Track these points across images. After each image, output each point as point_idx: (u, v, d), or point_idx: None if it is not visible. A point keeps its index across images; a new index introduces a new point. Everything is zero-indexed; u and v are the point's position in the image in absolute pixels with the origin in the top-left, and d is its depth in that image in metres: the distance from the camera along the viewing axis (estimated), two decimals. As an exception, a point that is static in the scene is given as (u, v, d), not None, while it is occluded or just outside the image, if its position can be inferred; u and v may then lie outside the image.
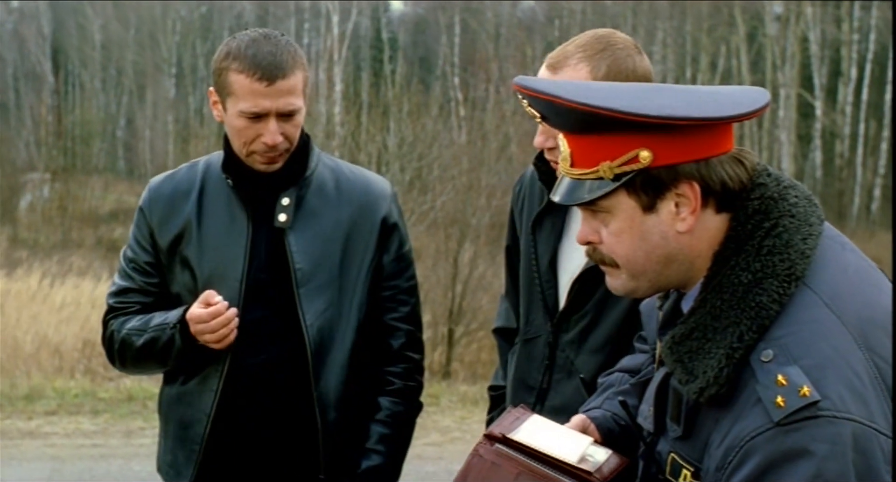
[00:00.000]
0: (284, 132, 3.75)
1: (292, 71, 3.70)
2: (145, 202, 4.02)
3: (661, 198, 2.39)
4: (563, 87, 2.38)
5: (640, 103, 2.31)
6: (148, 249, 3.98)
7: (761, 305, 2.33)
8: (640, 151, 2.34)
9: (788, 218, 2.41)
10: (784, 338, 2.30)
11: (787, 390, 2.23)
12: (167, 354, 3.86)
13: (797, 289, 2.35)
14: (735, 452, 2.27)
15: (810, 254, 2.38)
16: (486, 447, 2.81)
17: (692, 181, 2.37)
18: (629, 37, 3.61)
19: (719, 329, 2.36)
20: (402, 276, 4.01)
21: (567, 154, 2.45)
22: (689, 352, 2.40)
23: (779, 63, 41.28)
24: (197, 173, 4.00)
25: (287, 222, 3.85)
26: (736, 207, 2.42)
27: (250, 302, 3.85)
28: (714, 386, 2.33)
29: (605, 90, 2.39)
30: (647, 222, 2.41)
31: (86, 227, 32.87)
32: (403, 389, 4.00)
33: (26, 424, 11.69)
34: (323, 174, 3.96)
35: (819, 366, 2.25)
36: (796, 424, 2.21)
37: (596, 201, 2.42)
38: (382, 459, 3.93)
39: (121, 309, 4.01)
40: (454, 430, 11.14)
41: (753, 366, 2.30)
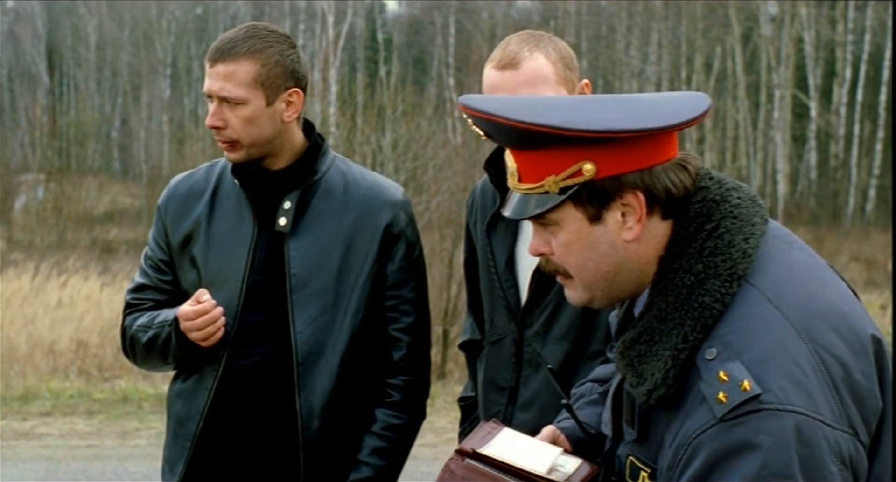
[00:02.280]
0: (228, 120, 3.76)
1: (238, 58, 3.73)
2: (163, 201, 4.06)
3: (607, 208, 2.43)
4: (505, 106, 2.42)
5: (579, 118, 2.35)
6: (163, 247, 4.02)
7: (704, 305, 2.37)
8: (583, 164, 2.38)
9: (730, 219, 2.45)
10: (727, 336, 2.33)
11: (728, 385, 2.26)
12: (167, 351, 3.89)
13: (740, 287, 2.38)
14: (684, 451, 2.31)
15: (752, 253, 2.41)
16: (457, 462, 2.83)
17: (636, 191, 2.41)
18: None
19: (665, 331, 2.40)
20: (405, 286, 3.95)
21: (514, 169, 2.49)
22: (639, 355, 2.44)
23: (773, 64, 41.30)
24: (214, 173, 4.03)
25: (286, 226, 3.85)
26: (679, 212, 2.46)
27: (249, 303, 3.85)
28: (662, 387, 2.37)
29: (545, 106, 2.43)
30: (595, 233, 2.45)
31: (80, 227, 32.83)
32: (402, 402, 3.95)
33: (21, 425, 11.69)
34: (333, 178, 3.94)
35: (761, 359, 2.28)
36: (739, 419, 2.24)
37: (544, 215, 2.46)
38: (372, 472, 3.90)
39: (136, 305, 4.05)
40: (449, 431, 11.14)
41: (699, 365, 2.33)
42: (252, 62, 3.74)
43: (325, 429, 3.86)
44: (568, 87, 3.67)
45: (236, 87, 3.73)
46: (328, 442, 3.87)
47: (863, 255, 28.81)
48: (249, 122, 3.77)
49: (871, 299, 20.91)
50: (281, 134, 3.84)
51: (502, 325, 3.81)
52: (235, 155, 3.83)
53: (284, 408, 3.85)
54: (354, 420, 3.91)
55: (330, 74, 39.46)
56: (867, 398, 2.34)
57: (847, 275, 24.24)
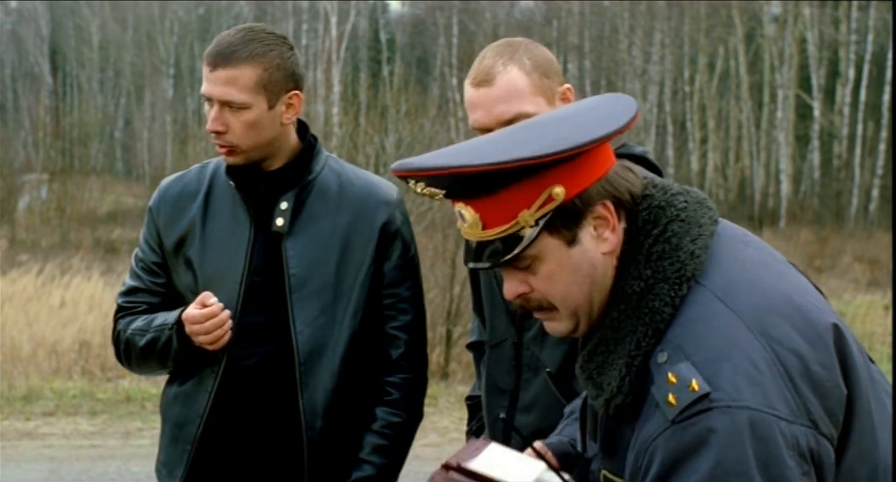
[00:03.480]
0: (228, 125, 3.73)
1: (240, 63, 3.69)
2: (154, 203, 4.03)
3: (580, 226, 2.40)
4: (461, 155, 2.35)
5: (538, 145, 2.31)
6: (155, 250, 3.99)
7: (654, 310, 2.37)
8: (552, 189, 2.34)
9: (677, 223, 2.44)
10: (677, 338, 2.33)
11: (677, 387, 2.27)
12: (166, 355, 3.87)
13: (689, 289, 2.38)
14: (642, 457, 2.31)
15: (700, 254, 2.41)
16: (442, 475, 2.83)
17: (604, 200, 2.40)
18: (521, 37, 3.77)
19: (619, 340, 2.40)
20: (403, 285, 3.95)
21: (475, 220, 2.41)
22: (597, 367, 2.45)
23: (777, 64, 41.30)
24: (206, 175, 4.00)
25: (284, 227, 3.83)
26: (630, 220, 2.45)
27: (248, 305, 3.84)
28: (619, 395, 2.38)
29: (491, 145, 2.36)
30: (574, 255, 2.42)
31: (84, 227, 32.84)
32: (401, 400, 3.94)
33: (24, 425, 11.69)
34: (328, 178, 3.93)
35: (711, 359, 2.28)
36: (691, 419, 2.24)
37: (521, 254, 2.40)
38: (374, 470, 3.89)
39: (129, 308, 4.02)
40: (452, 431, 11.14)
41: (652, 370, 2.33)
42: (254, 67, 3.70)
43: (328, 428, 3.85)
44: (545, 95, 3.61)
45: (239, 92, 3.69)
46: (331, 441, 3.87)
47: (866, 256, 28.77)
48: (251, 126, 3.74)
49: (875, 299, 20.90)
50: (279, 136, 3.82)
51: (502, 328, 3.81)
52: (234, 159, 3.80)
53: (285, 408, 3.84)
54: (355, 418, 3.91)
55: (333, 74, 39.45)
56: (829, 389, 2.33)
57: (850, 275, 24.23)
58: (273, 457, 3.89)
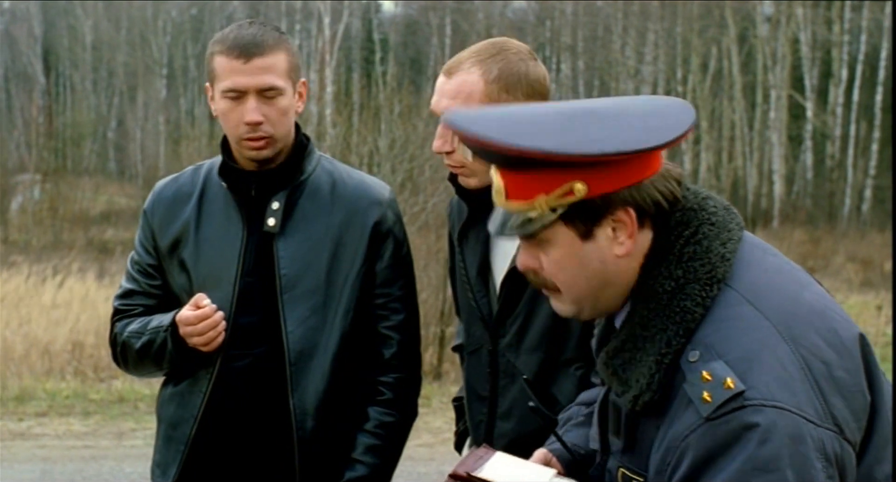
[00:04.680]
0: (266, 114, 3.74)
1: (272, 50, 3.72)
2: (149, 205, 4.04)
3: (598, 225, 2.42)
4: (494, 127, 2.36)
5: (570, 139, 2.31)
6: (150, 252, 3.99)
7: (686, 310, 2.39)
8: (574, 184, 2.36)
9: (708, 225, 2.46)
10: (709, 338, 2.36)
11: (712, 385, 2.29)
12: (161, 357, 3.87)
13: (720, 290, 2.40)
14: (673, 454, 2.33)
15: (730, 257, 2.44)
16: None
17: (627, 207, 2.40)
18: (525, 45, 3.67)
19: (648, 337, 2.42)
20: (395, 284, 3.95)
21: (501, 187, 2.46)
22: (623, 363, 2.46)
23: (769, 64, 41.33)
24: (200, 176, 4.01)
25: (275, 227, 3.84)
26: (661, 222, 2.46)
27: (242, 305, 3.85)
28: (648, 392, 2.39)
29: (533, 126, 2.37)
30: (586, 249, 2.44)
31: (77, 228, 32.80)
32: (394, 400, 3.95)
33: (17, 425, 11.69)
34: (320, 178, 3.94)
35: (744, 358, 2.31)
36: (725, 417, 2.26)
37: (536, 233, 2.44)
38: (367, 470, 3.90)
39: (125, 311, 4.03)
40: (446, 431, 11.14)
41: (683, 368, 2.35)
42: (284, 53, 3.77)
43: (319, 428, 3.86)
44: None
45: (278, 77, 3.74)
46: (322, 441, 3.87)
47: (859, 256, 28.79)
48: (284, 113, 3.79)
49: (868, 300, 20.93)
50: (292, 128, 3.87)
51: (478, 335, 3.79)
52: (269, 151, 3.82)
53: (278, 408, 3.85)
54: (348, 419, 3.91)
55: (326, 75, 39.44)
56: (853, 394, 2.36)
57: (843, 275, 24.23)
58: (265, 457, 3.89)
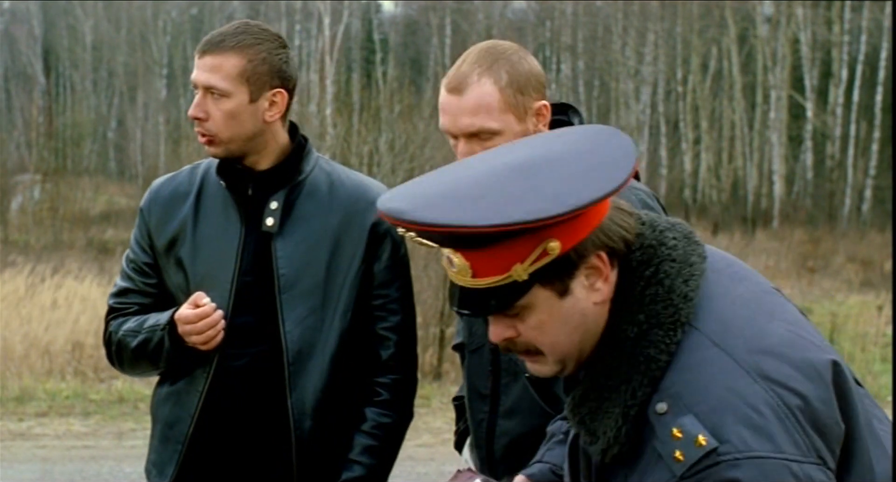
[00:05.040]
0: (210, 113, 3.78)
1: (227, 52, 3.76)
2: (145, 204, 4.04)
3: (573, 277, 2.35)
4: (455, 210, 2.24)
5: (540, 203, 2.23)
6: (147, 250, 3.99)
7: (650, 358, 2.33)
8: (547, 244, 2.28)
9: (669, 262, 2.40)
10: (676, 387, 2.30)
11: (683, 443, 2.24)
12: (158, 356, 3.87)
13: (684, 334, 2.34)
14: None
15: (693, 296, 2.37)
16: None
17: (599, 251, 2.35)
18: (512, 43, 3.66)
19: (613, 387, 2.36)
20: (392, 285, 3.95)
21: (465, 267, 2.33)
22: (590, 413, 2.41)
23: (769, 64, 41.32)
24: (197, 175, 4.02)
25: (274, 227, 3.84)
26: (623, 262, 2.41)
27: (239, 305, 3.84)
28: (615, 445, 2.35)
29: (489, 199, 2.26)
30: (566, 306, 2.37)
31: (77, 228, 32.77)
32: (391, 401, 3.95)
33: (17, 426, 11.69)
34: (318, 178, 3.94)
35: (714, 409, 2.25)
36: (699, 475, 2.22)
37: (513, 303, 2.35)
38: (364, 471, 3.90)
39: (120, 310, 4.02)
40: (446, 432, 11.13)
41: (651, 420, 2.30)
42: (239, 57, 3.76)
43: (317, 428, 3.86)
44: (516, 112, 3.52)
45: (222, 79, 3.75)
46: (320, 441, 3.87)
47: (859, 256, 28.78)
48: (230, 116, 3.78)
49: (868, 300, 20.92)
50: (263, 133, 3.84)
51: (480, 334, 3.78)
52: (214, 150, 3.84)
53: (275, 408, 3.85)
54: (345, 419, 3.91)
55: (326, 75, 39.43)
56: (830, 427, 2.32)
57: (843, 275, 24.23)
58: (263, 457, 3.89)
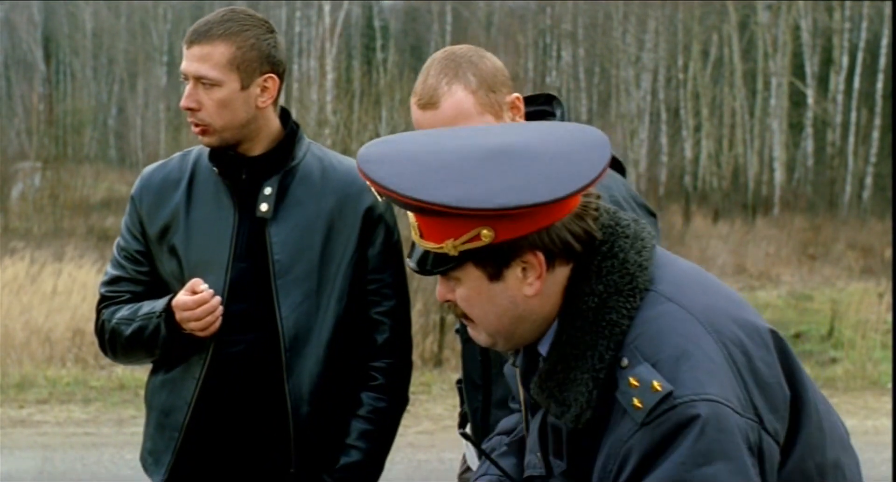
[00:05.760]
0: (202, 103, 3.78)
1: (214, 40, 3.75)
2: (136, 191, 4.03)
3: (507, 267, 2.47)
4: (396, 174, 2.41)
5: (474, 191, 2.35)
6: (138, 238, 3.98)
7: (612, 322, 2.43)
8: (480, 230, 2.41)
9: (623, 238, 2.51)
10: (635, 342, 2.41)
11: (640, 390, 2.34)
12: (154, 343, 3.86)
13: (642, 298, 2.45)
14: (614, 459, 2.37)
15: (647, 266, 2.49)
16: None
17: (535, 250, 2.44)
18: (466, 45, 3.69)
19: (580, 355, 2.45)
20: (387, 270, 3.96)
21: (416, 226, 2.52)
22: (558, 385, 2.48)
23: (770, 51, 41.27)
24: (188, 162, 4.01)
25: (268, 212, 3.84)
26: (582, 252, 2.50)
27: (234, 291, 3.84)
28: (588, 410, 2.43)
29: (436, 174, 2.41)
30: (495, 289, 2.50)
31: (77, 215, 32.75)
32: (386, 385, 3.96)
33: (17, 413, 11.69)
34: (310, 164, 3.94)
35: (671, 357, 2.36)
36: (658, 419, 2.32)
37: (445, 272, 2.50)
38: (361, 456, 3.92)
39: (112, 298, 4.01)
40: (446, 418, 11.13)
41: (616, 377, 2.39)
42: (227, 44, 3.76)
43: (314, 413, 3.87)
44: (493, 111, 3.57)
45: (211, 68, 3.75)
46: (317, 426, 3.88)
47: (859, 243, 28.76)
48: (223, 105, 3.78)
49: (868, 287, 20.90)
50: (256, 119, 3.84)
51: None
52: (208, 139, 3.84)
53: (272, 394, 3.85)
54: (342, 404, 3.92)
55: (327, 62, 39.39)
56: (772, 386, 2.42)
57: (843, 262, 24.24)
58: (260, 443, 3.90)
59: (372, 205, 3.92)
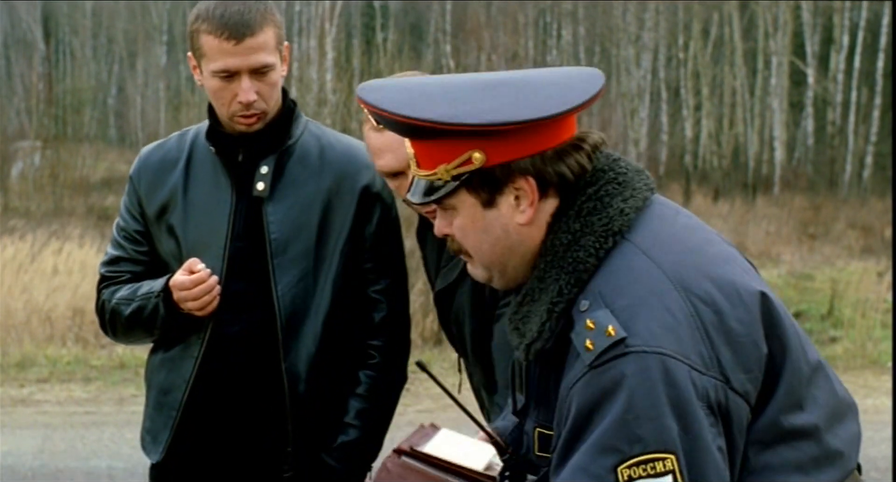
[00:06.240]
0: (259, 90, 3.74)
1: (261, 28, 3.69)
2: (135, 171, 4.02)
3: (500, 193, 2.51)
4: (390, 98, 2.49)
5: (463, 110, 2.42)
6: (137, 218, 3.98)
7: (578, 260, 2.45)
8: (472, 153, 2.46)
9: (613, 184, 2.53)
10: (599, 287, 2.42)
11: (594, 333, 2.35)
12: (153, 323, 3.87)
13: (615, 244, 2.47)
14: (564, 403, 2.39)
15: (630, 213, 2.49)
16: (394, 460, 2.86)
17: (527, 176, 2.48)
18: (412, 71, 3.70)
19: (544, 289, 2.48)
20: (384, 248, 3.96)
21: (412, 155, 2.57)
22: (523, 317, 2.52)
23: (771, 31, 41.19)
24: (186, 142, 4.01)
25: (265, 191, 3.83)
26: (569, 187, 2.53)
27: (232, 270, 3.84)
28: (538, 341, 2.46)
29: (433, 97, 2.48)
30: (488, 217, 2.53)
31: (77, 195, 32.73)
32: (383, 363, 3.98)
33: (18, 392, 11.71)
34: (308, 142, 3.93)
35: (630, 306, 2.36)
36: (607, 364, 2.32)
37: (441, 200, 2.55)
38: (359, 434, 3.93)
39: (112, 278, 4.02)
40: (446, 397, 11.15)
41: (574, 317, 2.41)
42: (271, 26, 3.74)
43: (311, 392, 3.88)
44: None
45: (269, 55, 3.73)
46: (314, 405, 3.89)
47: (859, 222, 28.73)
48: (275, 86, 3.81)
49: (868, 266, 20.90)
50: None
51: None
52: (260, 124, 3.83)
53: (269, 373, 3.85)
54: (339, 382, 3.92)
55: (326, 41, 39.33)
56: (744, 344, 2.40)
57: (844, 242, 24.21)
58: (257, 422, 3.90)
59: (369, 183, 3.92)
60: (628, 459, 2.28)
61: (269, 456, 3.92)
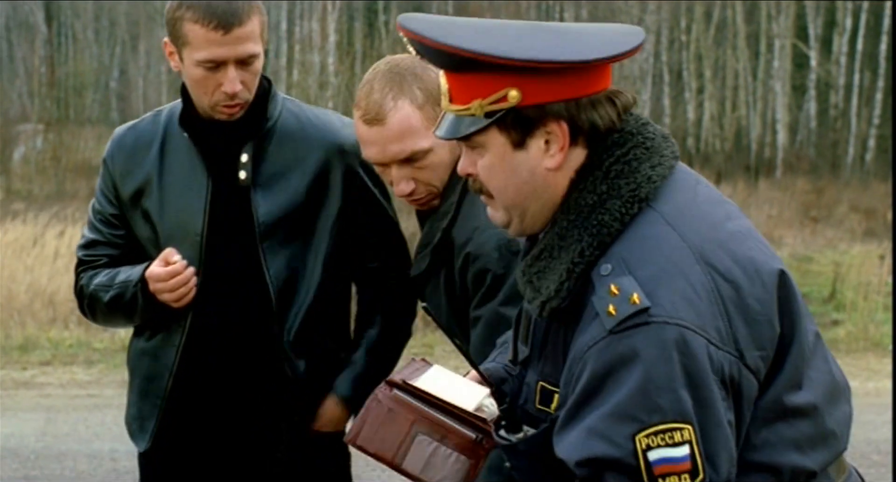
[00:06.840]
0: (243, 80, 3.68)
1: (248, 17, 3.64)
2: (108, 153, 3.98)
3: (531, 135, 2.51)
4: (433, 27, 2.49)
5: (506, 45, 2.43)
6: (112, 201, 3.94)
7: (603, 223, 2.46)
8: (508, 91, 2.46)
9: (642, 149, 2.53)
10: (623, 253, 2.43)
11: (618, 299, 2.36)
12: (132, 311, 3.84)
13: (641, 210, 2.48)
14: (577, 365, 2.40)
15: (657, 180, 2.50)
16: (385, 392, 2.87)
17: (560, 120, 2.48)
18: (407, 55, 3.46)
19: (564, 247, 2.49)
20: (375, 219, 3.93)
21: (446, 90, 2.57)
22: (538, 271, 2.53)
23: (773, 13, 41.13)
24: (160, 123, 3.94)
25: (248, 179, 3.79)
26: (598, 142, 2.53)
27: (211, 257, 3.81)
28: (555, 299, 2.46)
29: (477, 30, 2.50)
30: (517, 158, 2.53)
31: (79, 177, 32.71)
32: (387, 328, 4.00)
33: (21, 375, 11.74)
34: (287, 121, 3.88)
35: (654, 276, 2.38)
36: (627, 331, 2.34)
37: (470, 137, 2.55)
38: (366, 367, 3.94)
39: (89, 262, 3.98)
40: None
41: (594, 281, 2.42)
42: (257, 14, 3.69)
43: (308, 370, 3.87)
44: None
45: (255, 44, 3.68)
46: (312, 386, 3.88)
47: (862, 205, 28.71)
48: (258, 73, 3.75)
49: (870, 249, 20.88)
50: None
51: None
52: (242, 111, 3.77)
53: (265, 355, 3.84)
54: (330, 362, 3.92)
55: (328, 24, 39.27)
56: (760, 323, 2.43)
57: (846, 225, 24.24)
58: (246, 407, 3.89)
59: (353, 157, 3.85)
60: (647, 428, 2.32)
61: (259, 441, 3.92)
